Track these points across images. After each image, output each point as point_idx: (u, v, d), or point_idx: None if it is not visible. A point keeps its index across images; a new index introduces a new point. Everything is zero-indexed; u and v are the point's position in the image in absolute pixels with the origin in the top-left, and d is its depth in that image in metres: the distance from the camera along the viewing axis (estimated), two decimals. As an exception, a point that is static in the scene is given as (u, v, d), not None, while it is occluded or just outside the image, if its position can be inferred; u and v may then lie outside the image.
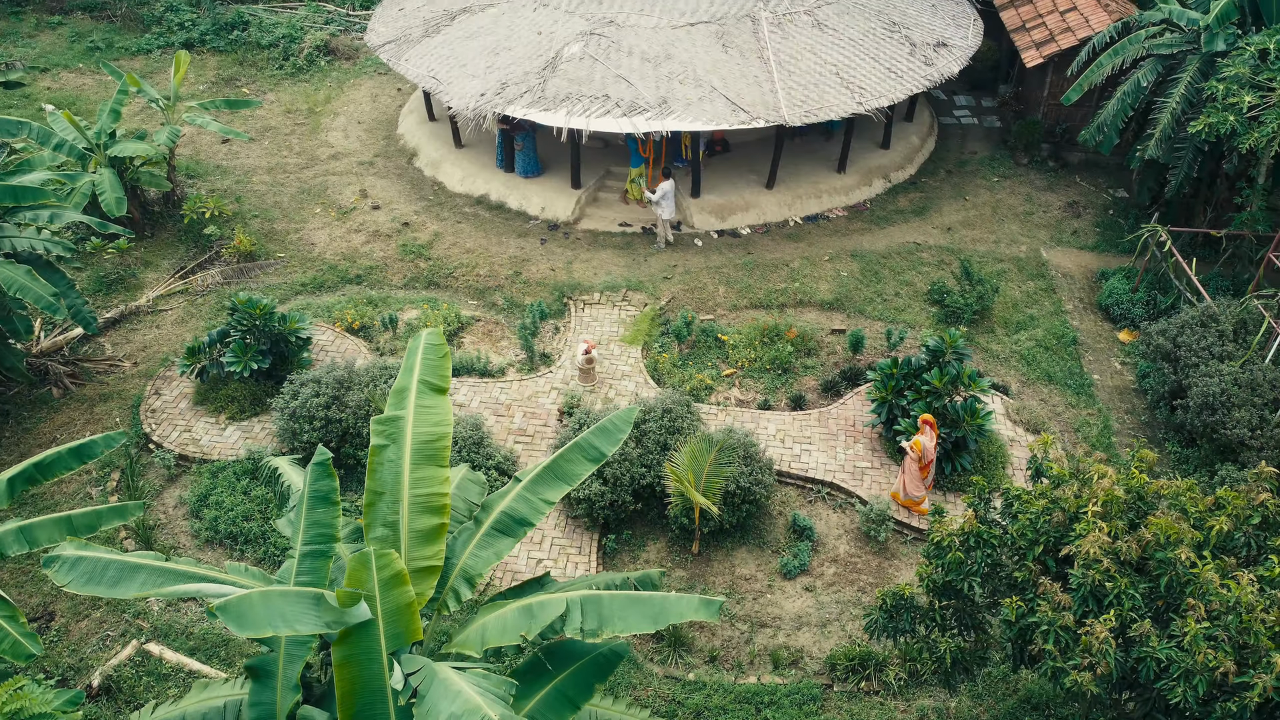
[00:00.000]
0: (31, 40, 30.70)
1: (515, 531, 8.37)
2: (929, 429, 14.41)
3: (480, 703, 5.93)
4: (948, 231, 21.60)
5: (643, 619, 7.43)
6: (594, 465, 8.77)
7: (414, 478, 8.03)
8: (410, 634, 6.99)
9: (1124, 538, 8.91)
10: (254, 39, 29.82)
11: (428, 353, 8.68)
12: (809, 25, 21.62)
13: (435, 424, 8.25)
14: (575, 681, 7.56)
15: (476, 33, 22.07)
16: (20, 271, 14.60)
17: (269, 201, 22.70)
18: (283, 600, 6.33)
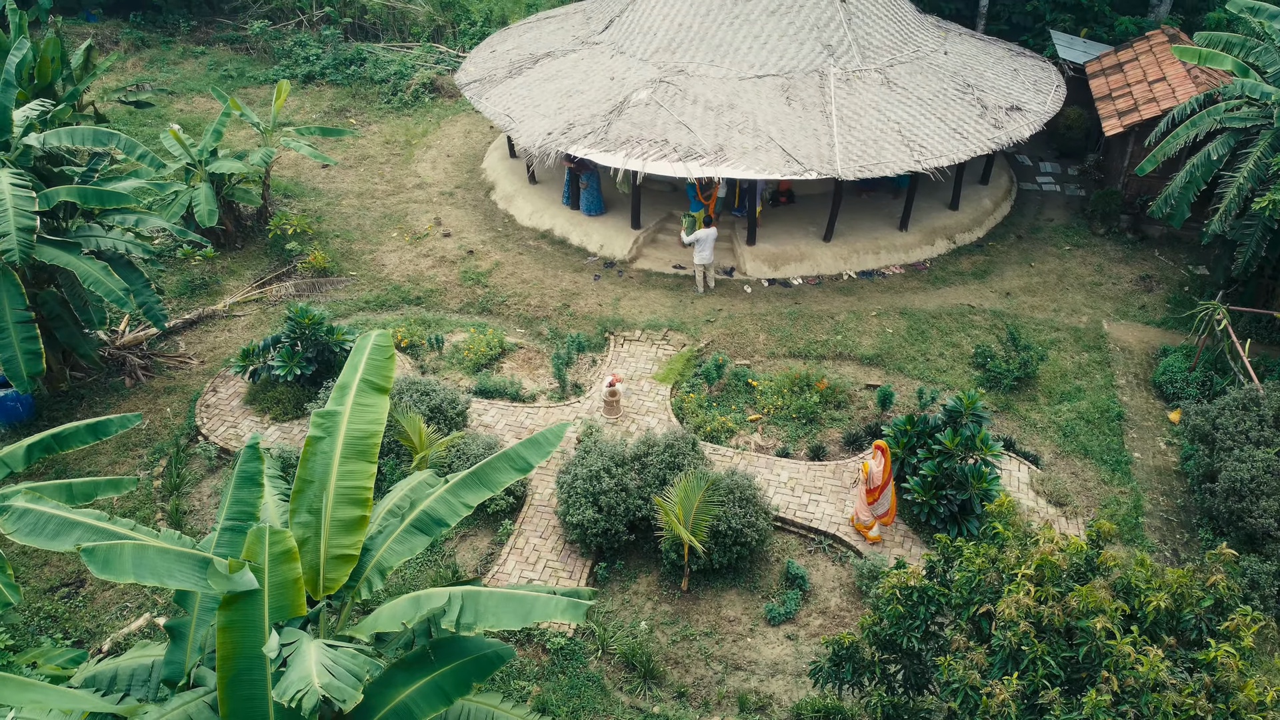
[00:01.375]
0: (176, 66, 33.62)
1: (432, 530, 8.78)
2: (880, 454, 14.37)
3: (314, 675, 6.31)
4: (1006, 296, 21.15)
5: (513, 616, 7.70)
6: (519, 474, 9.13)
7: (342, 470, 8.56)
8: (294, 608, 7.46)
9: (1051, 603, 8.66)
10: (368, 74, 31.85)
11: (373, 354, 9.23)
12: (878, 83, 21.74)
13: (369, 422, 8.78)
14: (454, 676, 7.86)
15: (555, 75, 23.08)
16: (97, 267, 16.06)
17: (352, 223, 24.14)
18: (159, 556, 6.93)
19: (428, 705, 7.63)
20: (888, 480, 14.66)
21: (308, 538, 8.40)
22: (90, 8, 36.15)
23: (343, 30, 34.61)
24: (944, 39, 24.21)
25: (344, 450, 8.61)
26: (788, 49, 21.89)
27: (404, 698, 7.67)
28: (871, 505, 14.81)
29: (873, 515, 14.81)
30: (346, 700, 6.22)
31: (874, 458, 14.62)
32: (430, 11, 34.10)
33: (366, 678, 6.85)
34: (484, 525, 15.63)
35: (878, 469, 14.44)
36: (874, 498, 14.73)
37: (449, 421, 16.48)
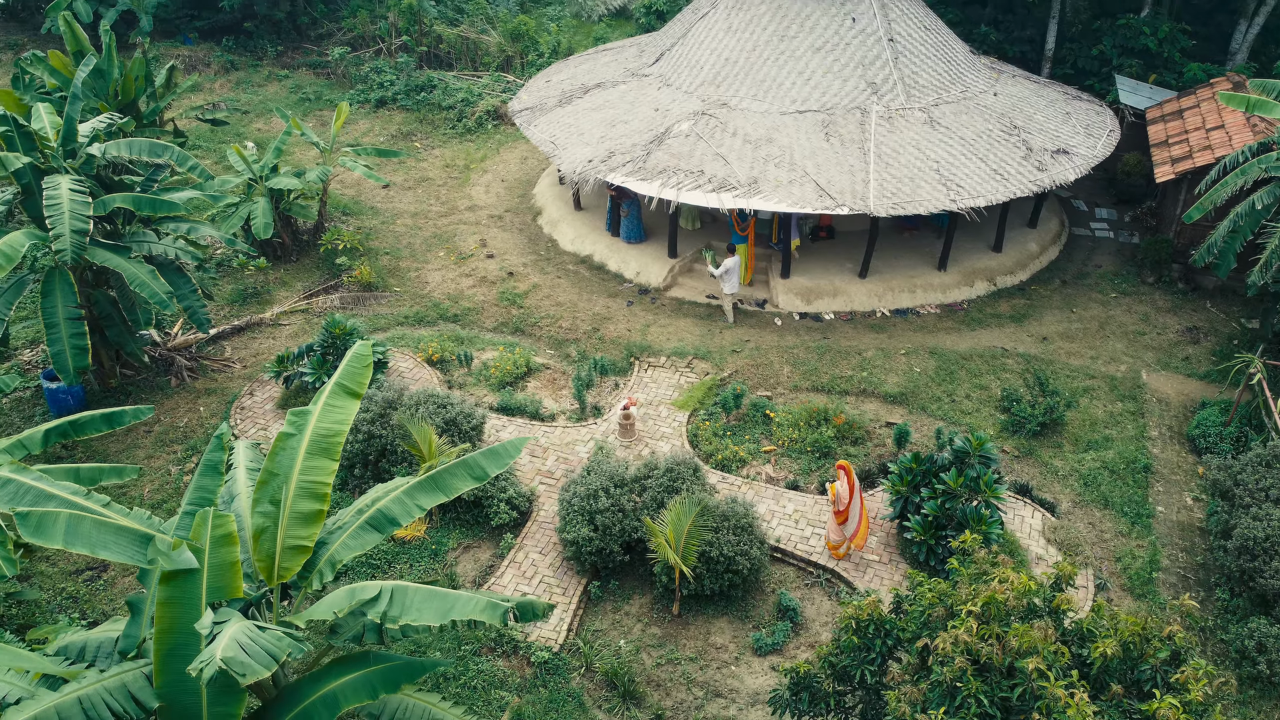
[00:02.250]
0: (260, 88, 35.35)
1: (384, 528, 9.11)
2: (844, 475, 14.50)
3: (217, 650, 6.65)
4: (1042, 341, 20.73)
5: (435, 613, 7.93)
6: (475, 483, 9.42)
7: (305, 465, 8.97)
8: (231, 590, 7.85)
9: (992, 641, 8.53)
10: (436, 100, 32.98)
11: (352, 361, 9.65)
12: (920, 122, 21.68)
13: (336, 421, 9.19)
14: (384, 675, 8.13)
15: (602, 105, 23.62)
16: (144, 270, 17.02)
17: (402, 242, 24.98)
18: (95, 527, 7.40)
19: (354, 697, 7.92)
20: (853, 499, 14.70)
21: (267, 527, 8.80)
22: (188, 32, 38.29)
23: (418, 58, 35.94)
24: (995, 80, 24.02)
25: (309, 447, 9.02)
26: (831, 85, 22.01)
27: (334, 687, 7.98)
28: (842, 525, 14.91)
29: (844, 535, 14.91)
30: (246, 674, 6.54)
31: (838, 479, 14.74)
32: (501, 42, 35.18)
33: (285, 659, 7.17)
34: (487, 538, 15.95)
35: (843, 489, 14.56)
36: (843, 518, 14.86)
37: (463, 435, 16.89)
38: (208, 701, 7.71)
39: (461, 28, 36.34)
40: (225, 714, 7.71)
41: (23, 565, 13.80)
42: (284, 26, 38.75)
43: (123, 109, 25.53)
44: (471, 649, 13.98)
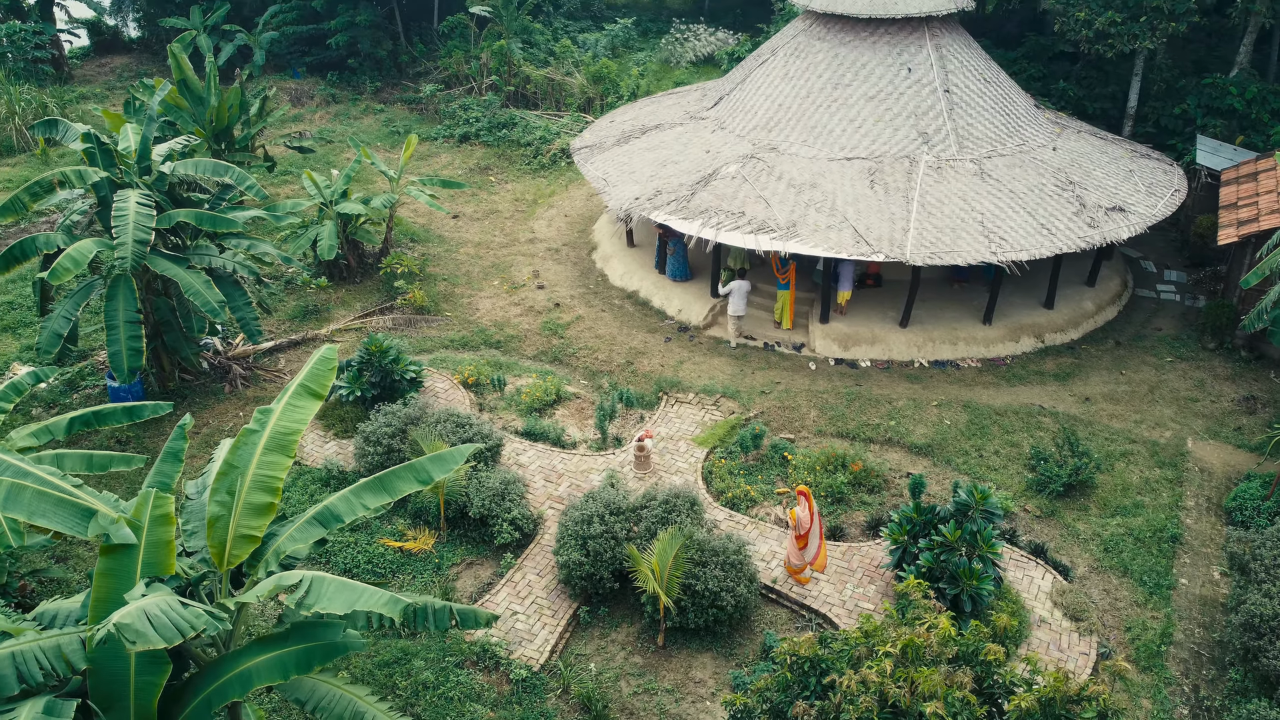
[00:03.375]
0: (356, 121, 37.29)
1: (329, 524, 9.59)
2: (804, 500, 14.94)
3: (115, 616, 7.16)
4: (1084, 402, 20.10)
5: (343, 603, 8.28)
6: (421, 486, 9.82)
7: (262, 460, 9.54)
8: (164, 567, 8.42)
9: (903, 684, 8.43)
10: (516, 137, 34.19)
11: (318, 364, 10.24)
12: (970, 173, 21.47)
13: (295, 420, 9.76)
14: (298, 655, 8.53)
15: (656, 146, 24.17)
16: (199, 280, 18.20)
17: (461, 270, 25.93)
18: (35, 497, 8.06)
19: (267, 675, 8.35)
20: (814, 524, 15.08)
21: (221, 515, 9.37)
22: (297, 67, 40.72)
23: (505, 97, 37.33)
24: (1057, 135, 23.60)
25: (267, 444, 9.60)
26: (881, 134, 22.03)
27: (249, 665, 8.43)
28: (803, 550, 15.23)
29: (804, 560, 15.27)
30: (137, 642, 7.03)
31: (799, 504, 15.05)
32: (583, 84, 36.27)
33: (192, 634, 7.65)
34: (491, 556, 16.34)
35: (805, 515, 14.88)
36: (804, 543, 15.16)
37: (479, 455, 17.40)
38: (135, 670, 8.26)
39: (548, 70, 37.63)
40: (149, 683, 8.25)
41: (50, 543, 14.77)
42: (385, 64, 40.81)
43: (218, 134, 27.40)
44: (455, 660, 14.33)
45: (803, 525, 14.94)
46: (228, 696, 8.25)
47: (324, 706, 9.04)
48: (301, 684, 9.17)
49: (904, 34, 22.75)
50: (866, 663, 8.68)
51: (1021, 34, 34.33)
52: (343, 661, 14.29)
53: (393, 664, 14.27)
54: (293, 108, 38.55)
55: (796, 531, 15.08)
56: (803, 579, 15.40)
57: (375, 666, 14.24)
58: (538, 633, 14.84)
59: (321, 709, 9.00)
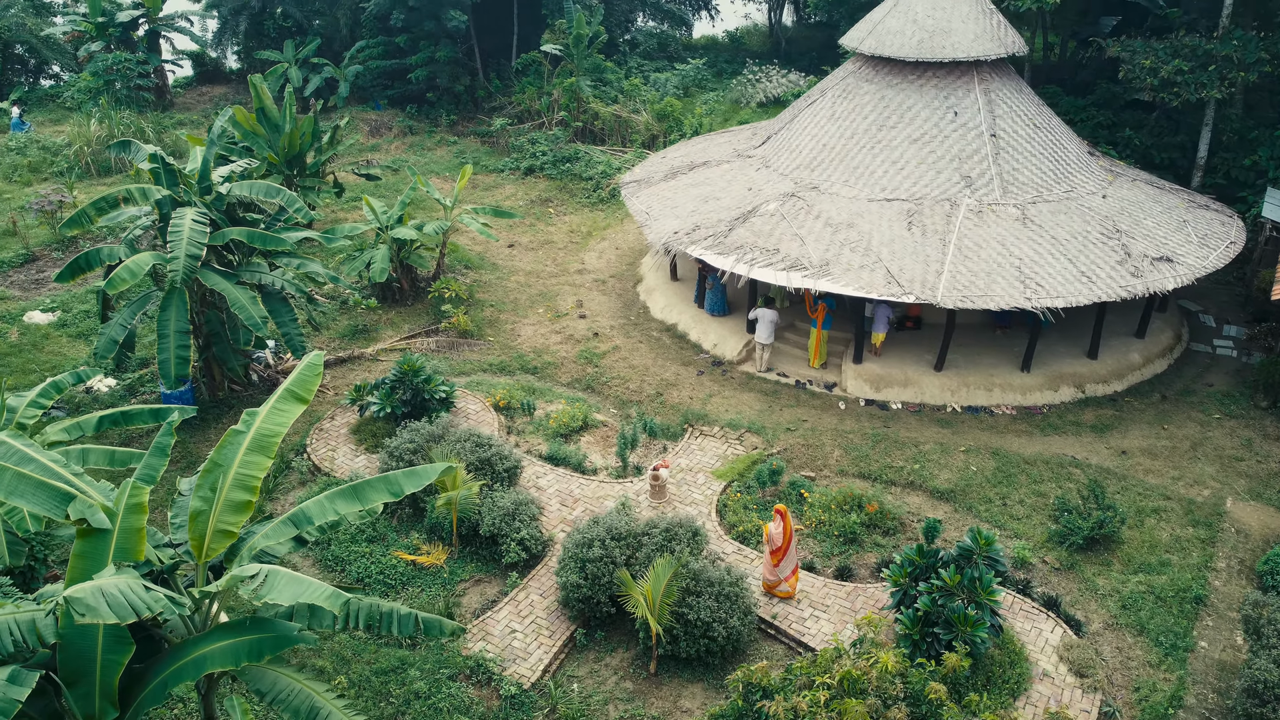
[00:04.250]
0: (429, 151, 38.67)
1: (301, 525, 10.05)
2: (779, 517, 15.35)
3: (68, 590, 7.69)
4: (1120, 455, 19.52)
5: (290, 595, 8.64)
6: (392, 497, 10.22)
7: (244, 460, 10.07)
8: (135, 553, 8.95)
9: (825, 712, 8.41)
10: (578, 171, 34.99)
11: (305, 370, 10.77)
12: (1012, 218, 21.22)
13: (277, 423, 10.28)
14: (250, 645, 8.91)
15: (701, 182, 24.52)
16: (245, 295, 19.15)
17: (509, 297, 26.60)
18: (16, 479, 8.68)
19: (219, 661, 8.77)
20: (788, 543, 15.39)
21: (203, 510, 9.90)
22: (379, 99, 42.46)
23: (573, 132, 38.25)
24: (1109, 182, 23.15)
25: (250, 444, 10.13)
26: (923, 176, 21.96)
27: (204, 652, 8.87)
28: (777, 567, 15.59)
29: (778, 576, 15.66)
30: (86, 615, 7.53)
31: (774, 522, 15.44)
32: (648, 121, 36.96)
33: (147, 615, 8.13)
34: (499, 575, 16.66)
35: (777, 531, 15.27)
36: (778, 559, 15.50)
37: (496, 476, 17.81)
38: (102, 648, 8.78)
39: (615, 107, 38.45)
40: (113, 661, 8.75)
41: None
42: (462, 98, 42.25)
43: (290, 160, 28.82)
44: (449, 673, 14.64)
45: (774, 541, 15.35)
46: (182, 679, 8.71)
47: (281, 699, 9.41)
48: (263, 675, 9.58)
49: (952, 77, 22.71)
50: (802, 692, 8.68)
51: (1094, 81, 33.80)
52: (341, 665, 14.77)
53: (389, 672, 14.65)
54: (371, 137, 40.21)
55: (770, 547, 15.46)
56: (779, 593, 15.78)
57: (373, 673, 14.65)
58: (533, 651, 15.07)
59: (279, 701, 9.38)
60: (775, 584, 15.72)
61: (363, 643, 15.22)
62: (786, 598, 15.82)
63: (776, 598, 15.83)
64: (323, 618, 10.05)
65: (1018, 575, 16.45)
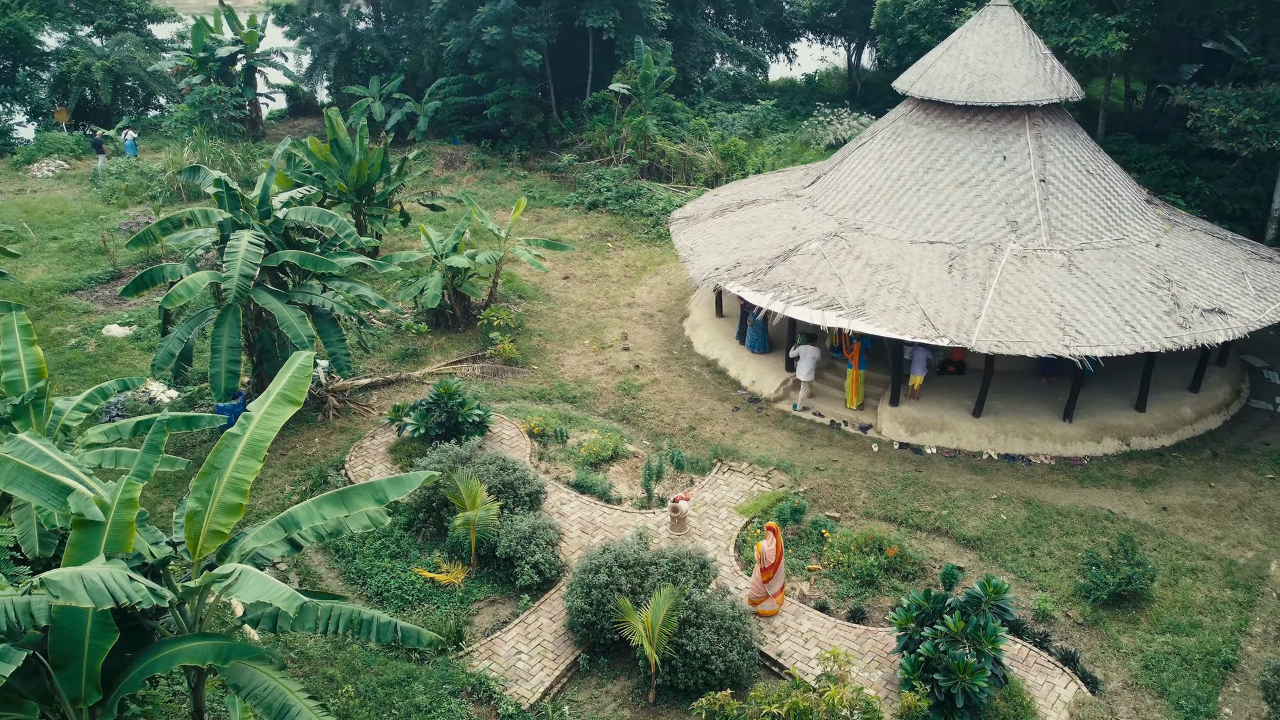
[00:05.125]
0: (499, 185, 39.80)
1: (290, 529, 10.53)
2: (771, 535, 15.79)
3: (65, 578, 8.24)
4: (1161, 512, 18.87)
5: (254, 594, 9.04)
6: (376, 505, 10.64)
7: (238, 464, 10.64)
8: (124, 545, 9.51)
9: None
10: (639, 207, 35.57)
11: (296, 372, 11.34)
12: (1058, 264, 20.86)
13: (269, 428, 10.83)
14: (217, 648, 9.41)
15: (747, 220, 24.73)
16: (294, 314, 20.02)
17: (558, 327, 27.13)
18: (16, 470, 9.33)
19: (189, 657, 9.29)
20: (779, 559, 15.85)
21: (198, 511, 10.49)
22: (456, 134, 43.93)
23: (639, 169, 38.92)
24: (1165, 231, 22.56)
25: (244, 449, 10.70)
26: (968, 220, 21.77)
27: (179, 648, 9.39)
28: (767, 584, 15.94)
29: (765, 592, 15.99)
30: (60, 596, 8.07)
31: (766, 539, 15.86)
32: (712, 160, 37.39)
33: (126, 602, 8.65)
34: (513, 596, 16.94)
35: (769, 549, 15.69)
36: (768, 576, 15.87)
37: (518, 499, 18.16)
38: (90, 634, 9.36)
39: (681, 145, 39.01)
40: (98, 646, 9.32)
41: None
42: (536, 134, 43.41)
43: (359, 189, 30.04)
44: (451, 689, 14.93)
45: (767, 559, 15.73)
46: (156, 669, 9.24)
47: (257, 695, 9.83)
48: (242, 671, 10.02)
49: (1002, 122, 22.53)
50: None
51: (1170, 129, 33.04)
52: (351, 674, 15.19)
53: (395, 684, 15.01)
54: (446, 170, 41.58)
55: (761, 565, 15.81)
56: (764, 610, 16.03)
57: (380, 684, 15.03)
58: (535, 673, 15.27)
59: (254, 696, 9.80)
60: (760, 600, 16.06)
61: (373, 654, 15.64)
62: (770, 615, 16.09)
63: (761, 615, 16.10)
64: (305, 619, 10.48)
65: (1037, 628, 16.03)
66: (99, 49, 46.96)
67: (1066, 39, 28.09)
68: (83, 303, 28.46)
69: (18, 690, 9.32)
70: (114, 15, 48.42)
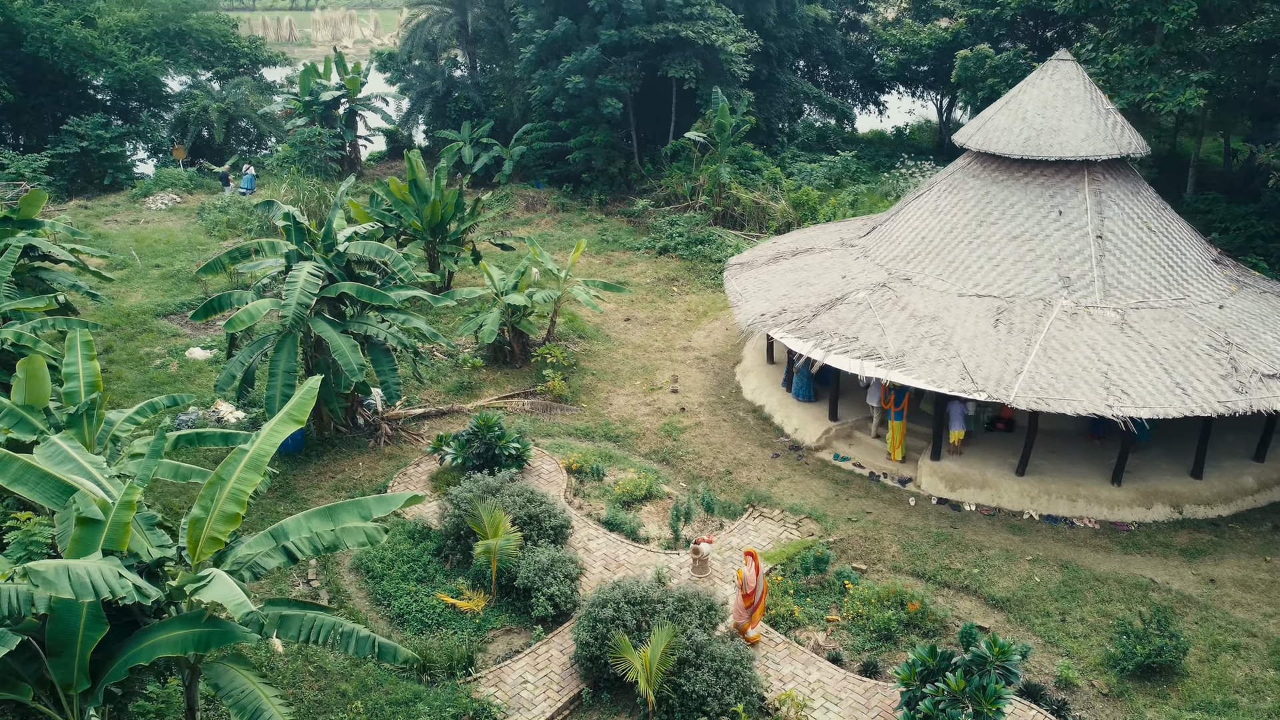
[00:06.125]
0: (575, 228, 40.78)
1: (280, 539, 11.11)
2: (751, 560, 16.20)
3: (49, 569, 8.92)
4: (1208, 584, 18.00)
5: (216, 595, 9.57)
6: (361, 521, 11.14)
7: (239, 476, 11.31)
8: (120, 544, 10.21)
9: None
10: (708, 253, 35.94)
11: (304, 395, 11.97)
12: (1110, 322, 20.30)
13: (271, 444, 11.48)
14: (195, 636, 9.96)
15: (800, 268, 24.82)
16: (347, 343, 20.95)
17: (612, 367, 27.58)
18: (23, 469, 10.13)
19: (168, 648, 9.87)
20: (758, 584, 16.21)
21: (200, 518, 11.18)
22: (540, 178, 45.28)
23: (713, 216, 39.36)
24: (1231, 292, 21.71)
25: (246, 464, 11.37)
26: (1019, 274, 21.41)
27: (160, 639, 9.98)
28: (748, 609, 16.26)
29: (747, 617, 16.29)
30: (40, 585, 8.74)
31: (747, 565, 16.28)
32: (784, 209, 37.58)
33: (109, 596, 9.30)
34: (529, 627, 17.22)
35: (751, 574, 16.09)
36: (750, 601, 16.21)
37: (541, 532, 18.51)
38: (84, 624, 10.05)
39: (756, 194, 39.33)
40: (89, 637, 10.00)
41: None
42: (616, 180, 44.37)
43: (433, 228, 31.29)
44: (454, 712, 15.24)
45: (748, 585, 16.13)
46: (138, 659, 9.85)
47: (232, 695, 10.39)
48: (225, 672, 10.61)
49: (1060, 176, 22.17)
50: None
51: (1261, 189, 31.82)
52: (362, 691, 15.65)
53: (402, 704, 15.40)
54: (526, 212, 42.87)
55: (743, 591, 16.19)
56: (751, 638, 16.32)
57: (388, 702, 15.44)
58: (538, 703, 15.48)
59: (229, 696, 10.36)
60: (746, 627, 16.35)
61: (387, 673, 16.09)
62: (754, 643, 16.38)
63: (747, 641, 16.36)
64: (289, 626, 10.99)
65: (1058, 695, 15.47)
66: (216, 92, 50.26)
67: (1143, 95, 27.48)
68: (172, 326, 30.28)
69: (16, 672, 10.04)
70: (231, 62, 51.77)
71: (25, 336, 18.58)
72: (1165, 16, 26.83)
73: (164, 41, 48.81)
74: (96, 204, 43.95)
